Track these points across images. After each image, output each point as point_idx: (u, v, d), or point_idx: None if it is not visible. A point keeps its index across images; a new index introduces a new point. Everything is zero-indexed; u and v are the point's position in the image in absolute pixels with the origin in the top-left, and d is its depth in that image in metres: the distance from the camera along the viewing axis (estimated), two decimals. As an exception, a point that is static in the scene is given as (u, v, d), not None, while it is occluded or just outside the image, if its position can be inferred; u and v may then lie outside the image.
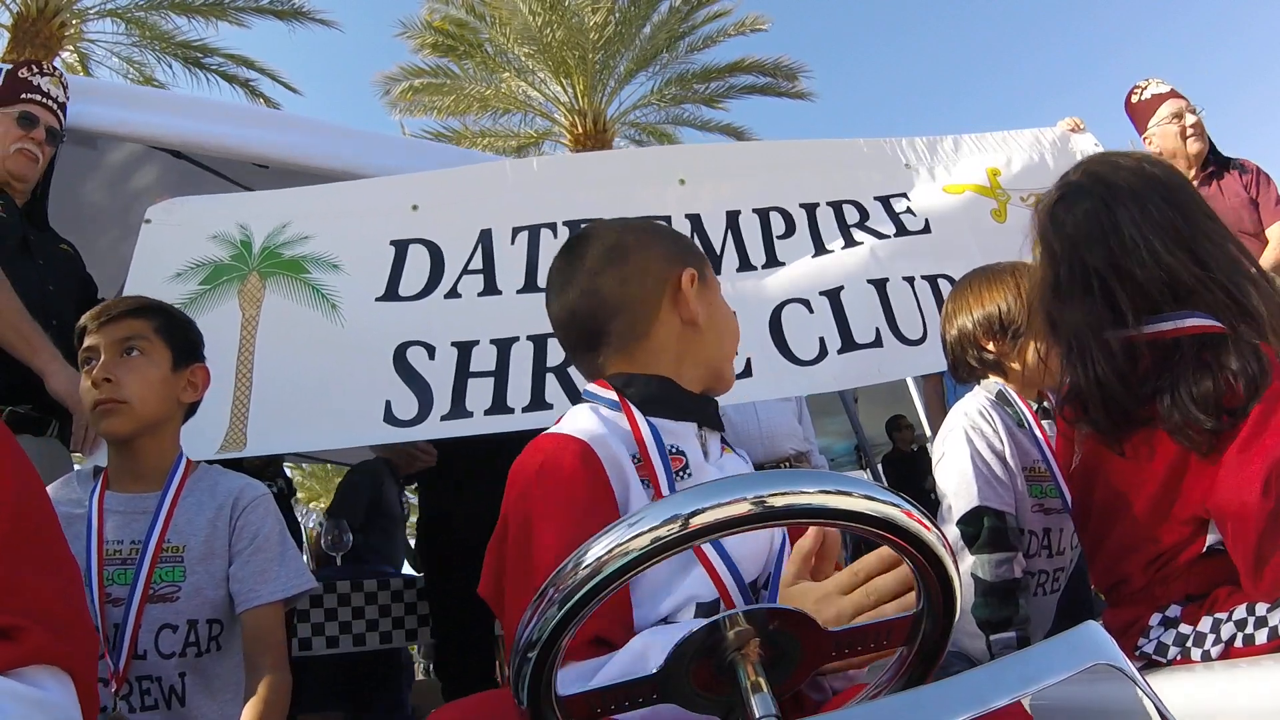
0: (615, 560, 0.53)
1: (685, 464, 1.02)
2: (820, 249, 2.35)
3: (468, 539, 1.27)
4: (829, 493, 0.54)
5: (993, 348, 1.67)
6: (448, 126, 12.13)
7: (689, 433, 1.05)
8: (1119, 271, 1.25)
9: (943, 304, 1.82)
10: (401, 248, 2.22)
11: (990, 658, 1.43)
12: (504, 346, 2.08)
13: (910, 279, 2.29)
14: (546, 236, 2.26)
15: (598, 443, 0.96)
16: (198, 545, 1.46)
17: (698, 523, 0.52)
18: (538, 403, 2.03)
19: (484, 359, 2.07)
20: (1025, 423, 1.62)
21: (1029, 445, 1.61)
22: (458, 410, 2.00)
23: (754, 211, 2.37)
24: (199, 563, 1.46)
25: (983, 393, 1.68)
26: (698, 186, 2.38)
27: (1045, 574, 1.63)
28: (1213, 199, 2.67)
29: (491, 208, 2.30)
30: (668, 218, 2.30)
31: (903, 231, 2.40)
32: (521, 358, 2.08)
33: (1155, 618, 1.22)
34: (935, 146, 2.60)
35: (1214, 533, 1.17)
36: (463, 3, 11.15)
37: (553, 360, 2.08)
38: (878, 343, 2.20)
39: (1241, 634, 1.11)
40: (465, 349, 2.07)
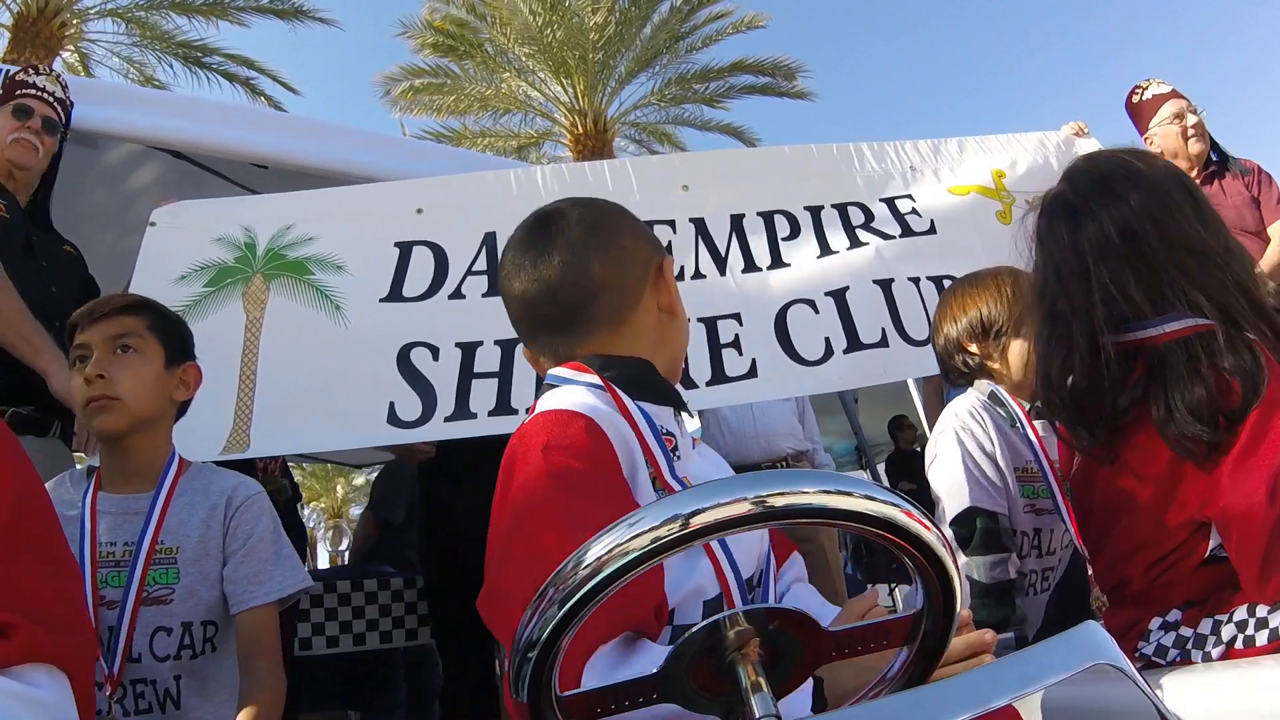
0: (615, 560, 0.53)
1: (675, 445, 1.01)
2: (825, 250, 2.35)
3: (468, 531, 1.27)
4: (829, 492, 0.54)
5: (976, 349, 1.69)
6: (448, 126, 12.17)
7: (668, 416, 1.04)
8: (1094, 281, 1.24)
9: None
10: (406, 249, 2.21)
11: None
12: (508, 347, 2.07)
13: (916, 279, 2.29)
14: None
15: (603, 419, 0.93)
16: (191, 547, 1.45)
17: (698, 522, 0.52)
18: None
19: (488, 360, 2.06)
20: (1018, 423, 1.63)
21: (1021, 446, 1.61)
22: (461, 411, 1.99)
23: (758, 214, 2.37)
24: (193, 564, 1.44)
25: (975, 394, 1.69)
26: (701, 191, 2.38)
27: (1035, 574, 1.63)
28: (1214, 198, 2.67)
29: (496, 213, 2.28)
30: (672, 221, 2.30)
31: (908, 232, 2.39)
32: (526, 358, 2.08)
33: (1155, 621, 1.22)
34: (939, 149, 2.60)
35: (1214, 538, 1.17)
36: (463, 3, 11.17)
37: None
38: (884, 343, 2.20)
39: (1242, 635, 1.11)
40: (469, 350, 2.07)
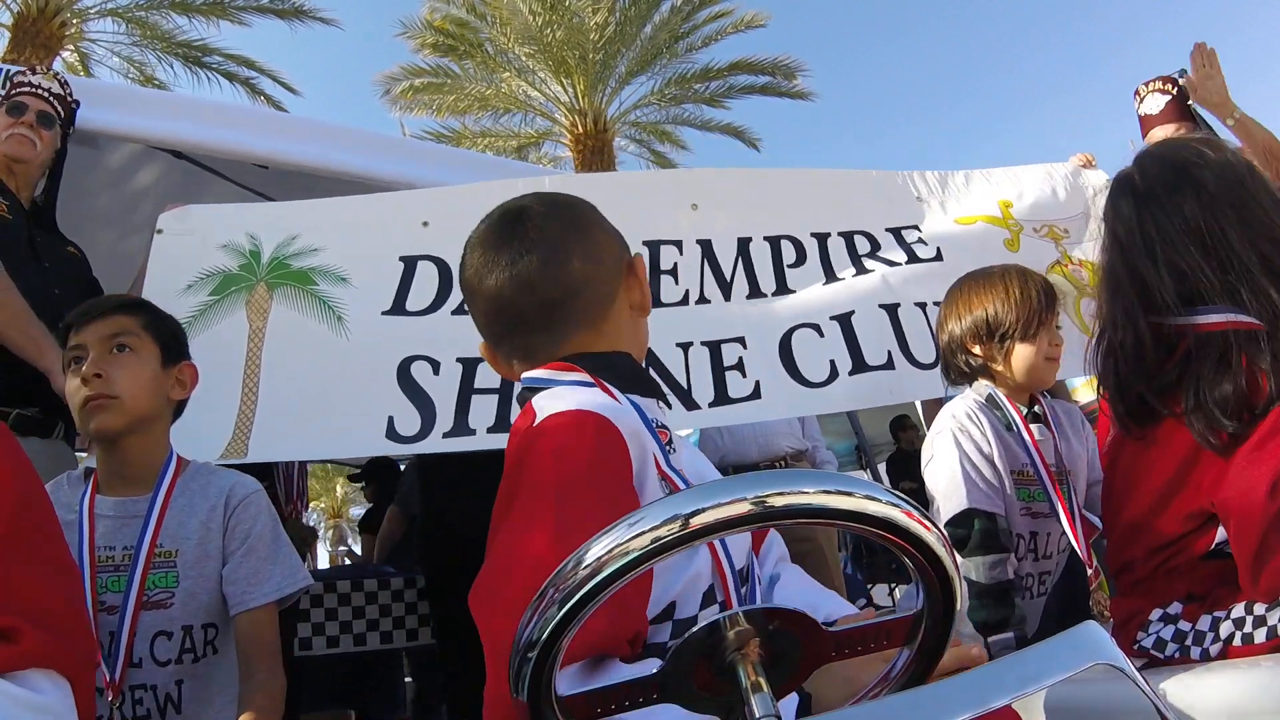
0: (615, 560, 0.53)
1: (669, 438, 1.01)
2: (831, 277, 2.34)
3: (467, 534, 1.27)
4: (829, 493, 0.54)
5: (979, 351, 1.68)
6: (448, 126, 12.16)
7: (655, 408, 1.02)
8: (1151, 266, 1.27)
9: None
10: (410, 264, 2.20)
11: (989, 658, 1.44)
12: None
13: (922, 304, 2.27)
14: None
15: (615, 415, 0.90)
16: (190, 549, 1.43)
17: (698, 522, 0.52)
18: None
19: (488, 376, 2.03)
20: (1014, 426, 1.63)
21: (1017, 449, 1.62)
22: (460, 427, 1.98)
23: (765, 239, 2.36)
24: (192, 567, 1.43)
25: (972, 395, 1.69)
26: (710, 212, 2.37)
27: (1032, 577, 1.64)
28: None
29: None
30: (679, 242, 2.29)
31: (914, 259, 2.39)
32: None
33: (1156, 613, 1.23)
34: (946, 180, 2.61)
35: (1221, 533, 1.17)
36: (463, 2, 11.16)
37: None
38: (889, 365, 2.19)
39: (1240, 633, 1.11)
40: (470, 365, 2.05)
